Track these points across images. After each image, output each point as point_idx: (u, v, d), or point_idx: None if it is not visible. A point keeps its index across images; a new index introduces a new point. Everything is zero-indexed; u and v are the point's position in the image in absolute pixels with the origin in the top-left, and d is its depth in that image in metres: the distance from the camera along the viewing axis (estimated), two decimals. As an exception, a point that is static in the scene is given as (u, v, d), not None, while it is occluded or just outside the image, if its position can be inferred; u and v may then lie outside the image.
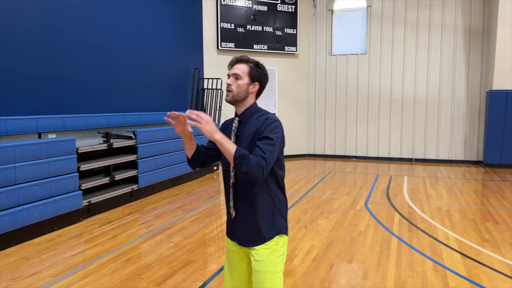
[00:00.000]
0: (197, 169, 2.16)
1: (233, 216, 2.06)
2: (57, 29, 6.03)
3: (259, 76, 2.03)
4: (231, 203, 2.05)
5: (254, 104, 2.06)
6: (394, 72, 11.31)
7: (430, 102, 11.07)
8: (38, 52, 5.76)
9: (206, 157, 2.20)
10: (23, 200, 4.74)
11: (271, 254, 2.03)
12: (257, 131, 1.93)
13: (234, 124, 2.04)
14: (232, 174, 2.02)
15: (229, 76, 2.02)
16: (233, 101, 2.02)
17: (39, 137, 5.69)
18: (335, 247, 4.54)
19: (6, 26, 5.25)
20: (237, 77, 1.99)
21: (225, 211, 6.09)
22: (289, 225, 5.14)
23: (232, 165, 1.91)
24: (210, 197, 7.00)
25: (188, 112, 1.86)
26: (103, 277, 3.77)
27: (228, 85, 2.00)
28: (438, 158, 11.10)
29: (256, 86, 2.03)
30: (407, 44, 11.13)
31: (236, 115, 2.09)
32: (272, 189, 2.01)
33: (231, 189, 2.03)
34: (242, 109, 2.04)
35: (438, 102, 11.01)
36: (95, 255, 4.33)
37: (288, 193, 7.26)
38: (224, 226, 5.38)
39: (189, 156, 2.17)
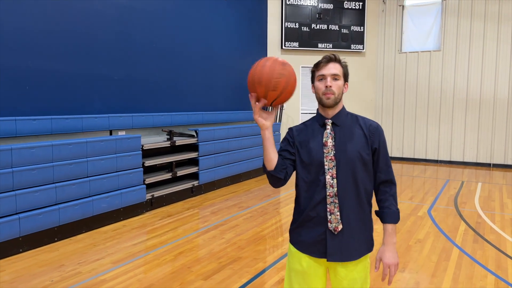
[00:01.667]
0: (280, 187, 1.92)
1: (338, 229, 1.84)
2: (128, 34, 6.50)
3: (348, 76, 1.94)
4: (334, 216, 1.83)
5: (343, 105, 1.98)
6: (471, 70, 10.49)
7: (512, 102, 10.10)
8: (112, 55, 6.26)
9: (288, 166, 1.91)
10: (93, 192, 5.20)
11: (365, 269, 1.93)
12: (367, 137, 1.89)
13: (328, 127, 1.89)
14: (333, 182, 1.83)
15: (323, 76, 1.86)
16: (334, 104, 1.87)
17: (110, 134, 6.18)
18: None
19: (86, 33, 5.78)
20: (336, 77, 1.86)
21: (280, 210, 6.13)
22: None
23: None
24: (267, 196, 7.08)
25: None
26: (156, 268, 4.02)
27: (329, 87, 1.84)
28: (521, 164, 10.10)
29: (347, 86, 1.93)
30: (487, 40, 10.24)
31: (320, 117, 1.93)
32: (368, 200, 1.93)
33: (333, 199, 1.83)
34: (335, 111, 1.91)
35: (523, 103, 10.00)
36: (152, 246, 4.62)
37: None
38: (279, 226, 5.43)
39: (272, 164, 1.85)
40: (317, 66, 1.89)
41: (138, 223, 5.51)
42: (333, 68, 1.85)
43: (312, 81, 1.93)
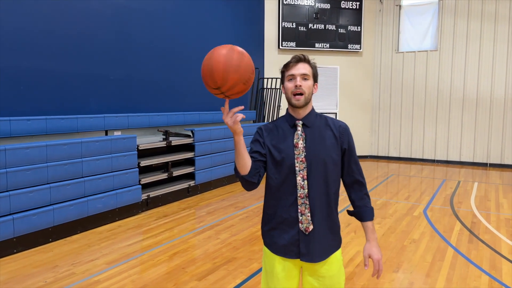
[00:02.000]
0: (253, 189, 1.91)
1: (309, 230, 1.87)
2: (125, 34, 6.49)
3: (317, 76, 1.93)
4: (305, 217, 1.86)
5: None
6: (468, 70, 10.50)
7: (509, 102, 10.10)
8: (108, 55, 6.25)
9: (260, 168, 1.89)
10: (88, 192, 5.19)
11: (340, 265, 1.97)
12: (337, 138, 1.91)
13: (299, 128, 1.89)
14: (304, 183, 1.85)
15: (293, 76, 1.85)
16: (304, 104, 1.86)
17: (106, 134, 6.17)
18: (383, 254, 4.35)
19: (82, 33, 5.77)
20: (305, 77, 1.85)
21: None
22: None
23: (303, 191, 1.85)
24: (263, 196, 7.04)
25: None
26: (150, 268, 4.01)
27: (299, 86, 1.83)
28: (517, 164, 10.11)
29: (317, 87, 1.92)
30: (484, 39, 10.26)
31: (291, 118, 1.92)
32: (336, 200, 1.96)
33: (304, 200, 1.85)
34: (306, 112, 1.90)
35: (519, 102, 10.02)
36: (147, 247, 4.61)
37: (342, 196, 7.09)
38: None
39: (246, 169, 1.82)
40: (286, 67, 1.89)
41: (134, 224, 5.50)
42: (302, 68, 1.85)
43: (282, 82, 1.93)
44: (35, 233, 4.56)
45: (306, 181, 1.85)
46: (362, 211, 1.99)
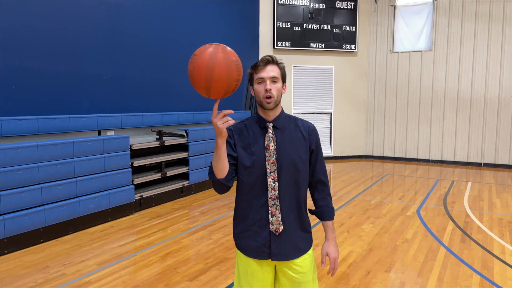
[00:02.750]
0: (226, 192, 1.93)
1: (280, 231, 1.88)
2: (118, 33, 6.46)
3: (286, 77, 1.93)
4: (275, 218, 1.87)
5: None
6: (462, 70, 10.53)
7: (503, 102, 10.15)
8: (101, 54, 6.22)
9: (233, 172, 1.89)
10: (80, 192, 5.16)
11: (312, 261, 2.00)
12: (306, 139, 1.93)
13: (270, 131, 1.88)
14: (274, 185, 1.86)
15: (262, 79, 1.84)
16: (274, 106, 1.86)
17: (99, 134, 6.14)
18: (375, 254, 4.37)
19: (72, 32, 5.73)
20: (274, 80, 1.84)
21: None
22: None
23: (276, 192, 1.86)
24: (257, 196, 7.05)
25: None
26: (142, 269, 3.99)
27: (269, 90, 1.83)
28: (511, 164, 10.15)
29: (285, 88, 1.92)
30: (478, 40, 10.30)
31: (261, 120, 1.92)
32: (305, 195, 1.99)
33: (274, 202, 1.86)
34: (275, 113, 1.91)
35: (513, 102, 10.06)
36: (139, 247, 4.59)
37: (336, 196, 7.11)
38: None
39: (224, 173, 1.80)
40: (255, 69, 1.88)
41: (126, 224, 5.47)
42: (271, 71, 1.84)
43: (251, 84, 1.92)
44: (26, 233, 4.53)
45: (276, 182, 1.86)
46: (324, 211, 2.03)
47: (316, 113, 11.31)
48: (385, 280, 3.72)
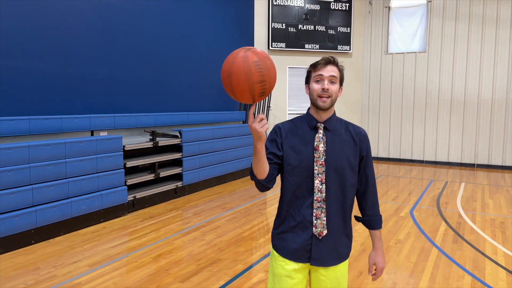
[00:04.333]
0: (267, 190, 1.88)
1: (323, 234, 1.84)
2: (111, 32, 6.43)
3: (343, 80, 1.90)
4: (320, 221, 1.83)
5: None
6: (456, 71, 10.58)
7: (496, 103, 10.21)
8: (94, 54, 6.18)
9: (275, 171, 1.86)
10: (72, 193, 5.12)
11: (347, 268, 1.97)
12: (357, 144, 1.89)
13: (320, 131, 1.85)
14: (322, 187, 1.82)
15: (321, 78, 1.81)
16: (330, 107, 1.83)
17: (92, 134, 6.10)
18: (368, 254, 4.36)
19: (64, 31, 5.70)
20: (333, 80, 1.81)
21: (264, 211, 6.11)
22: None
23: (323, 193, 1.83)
24: (251, 197, 7.05)
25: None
26: (133, 270, 3.96)
27: (326, 89, 1.80)
28: (504, 165, 10.21)
29: (341, 90, 1.88)
30: (472, 41, 10.35)
31: (312, 120, 1.88)
32: (351, 206, 1.94)
33: (320, 204, 1.83)
34: (328, 115, 1.87)
35: (506, 104, 10.12)
36: (131, 248, 4.57)
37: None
38: (261, 227, 5.40)
39: (264, 175, 1.77)
40: (314, 67, 1.85)
41: (119, 225, 5.44)
42: (331, 71, 1.82)
43: (307, 82, 1.88)
44: (17, 234, 4.49)
45: (324, 184, 1.82)
46: (372, 220, 1.99)
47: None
48: (376, 281, 3.72)
